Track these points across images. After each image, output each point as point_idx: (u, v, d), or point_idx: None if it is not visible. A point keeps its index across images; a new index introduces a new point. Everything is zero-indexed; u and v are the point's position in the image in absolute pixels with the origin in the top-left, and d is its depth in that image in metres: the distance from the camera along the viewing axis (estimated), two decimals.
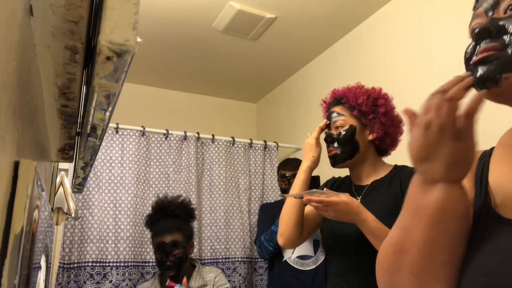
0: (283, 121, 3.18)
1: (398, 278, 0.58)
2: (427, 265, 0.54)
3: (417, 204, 0.56)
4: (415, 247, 0.55)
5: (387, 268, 0.60)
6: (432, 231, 0.53)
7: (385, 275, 0.60)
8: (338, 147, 1.26)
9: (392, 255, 0.59)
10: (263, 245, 2.14)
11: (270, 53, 2.74)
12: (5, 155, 0.27)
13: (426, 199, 0.54)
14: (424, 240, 0.54)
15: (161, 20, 2.35)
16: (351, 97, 1.27)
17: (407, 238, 0.56)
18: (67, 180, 1.25)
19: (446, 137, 0.52)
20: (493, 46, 0.54)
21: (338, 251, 1.24)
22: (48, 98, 0.48)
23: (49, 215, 0.70)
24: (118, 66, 0.31)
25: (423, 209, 0.54)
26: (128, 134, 2.34)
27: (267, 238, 2.13)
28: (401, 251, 0.57)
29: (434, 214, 0.53)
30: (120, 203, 2.21)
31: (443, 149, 0.52)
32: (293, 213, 1.29)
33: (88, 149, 0.58)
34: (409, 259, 0.56)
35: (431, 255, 0.54)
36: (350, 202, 1.07)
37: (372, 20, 2.34)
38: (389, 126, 1.26)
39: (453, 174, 0.53)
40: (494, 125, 0.98)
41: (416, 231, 0.55)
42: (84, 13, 0.33)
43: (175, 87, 3.26)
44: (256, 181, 2.66)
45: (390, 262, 0.59)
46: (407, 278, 0.56)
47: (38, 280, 0.56)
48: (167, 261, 1.82)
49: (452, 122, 0.51)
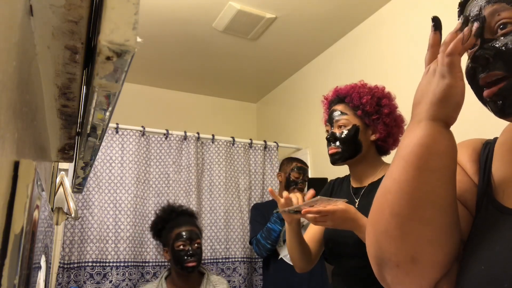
0: (283, 121, 3.18)
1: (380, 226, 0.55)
2: (407, 204, 0.52)
3: (401, 145, 0.56)
4: (395, 185, 0.54)
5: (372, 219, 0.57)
6: (412, 167, 0.52)
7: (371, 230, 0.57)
8: (339, 146, 1.24)
9: (377, 202, 0.57)
10: (260, 243, 2.14)
11: (270, 53, 2.74)
12: (5, 155, 0.27)
13: (409, 138, 0.55)
14: (404, 177, 0.53)
15: (161, 20, 2.35)
16: (355, 96, 1.25)
17: (389, 179, 0.55)
18: (67, 180, 1.25)
19: (435, 77, 0.54)
20: (495, 75, 0.54)
21: (338, 254, 1.24)
22: (48, 98, 0.48)
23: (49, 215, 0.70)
24: (118, 66, 0.31)
25: (404, 147, 0.55)
26: (128, 134, 2.34)
27: (264, 236, 2.13)
28: (384, 194, 0.56)
29: (414, 150, 0.53)
30: (120, 203, 2.21)
31: (430, 87, 0.54)
32: (297, 251, 1.28)
33: (88, 149, 0.58)
34: (390, 199, 0.54)
35: (411, 192, 0.52)
36: (347, 210, 1.05)
37: (372, 20, 2.34)
38: (393, 127, 1.25)
39: (435, 111, 0.53)
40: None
41: (397, 169, 0.54)
42: (84, 13, 0.33)
43: (175, 87, 3.26)
44: (256, 181, 2.66)
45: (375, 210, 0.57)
46: (388, 221, 0.54)
47: (38, 280, 0.56)
48: (190, 250, 1.86)
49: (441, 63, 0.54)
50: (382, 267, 0.56)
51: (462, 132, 0.81)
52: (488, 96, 0.55)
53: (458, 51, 0.53)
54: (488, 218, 0.54)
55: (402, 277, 0.54)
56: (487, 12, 0.56)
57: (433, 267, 0.53)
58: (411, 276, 0.53)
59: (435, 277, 0.53)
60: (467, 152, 0.64)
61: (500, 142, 0.61)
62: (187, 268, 1.84)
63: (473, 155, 0.63)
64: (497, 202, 0.54)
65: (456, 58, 0.53)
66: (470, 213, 0.59)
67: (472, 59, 0.56)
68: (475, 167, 0.62)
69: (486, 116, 0.60)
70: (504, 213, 0.52)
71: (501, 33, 0.54)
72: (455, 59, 0.53)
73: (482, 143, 0.64)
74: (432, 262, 0.53)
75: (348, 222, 1.06)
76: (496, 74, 0.54)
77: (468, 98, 0.57)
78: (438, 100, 0.53)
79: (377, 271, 0.58)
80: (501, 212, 0.53)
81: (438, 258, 0.53)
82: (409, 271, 0.53)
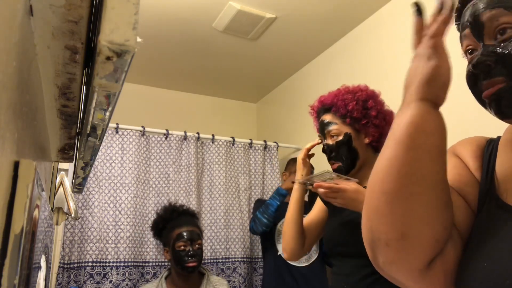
0: (283, 121, 3.18)
1: (371, 205, 0.56)
2: (395, 180, 0.53)
3: (392, 127, 0.57)
4: (384, 162, 0.55)
5: (365, 201, 0.58)
6: (400, 144, 0.53)
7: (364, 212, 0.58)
8: (339, 159, 1.25)
9: (369, 183, 0.57)
10: (257, 218, 2.16)
11: (270, 53, 2.74)
12: (5, 155, 0.27)
13: (399, 119, 0.56)
14: (392, 154, 0.54)
15: (161, 20, 2.35)
16: (340, 105, 1.25)
17: (380, 159, 0.56)
18: (67, 180, 1.25)
19: (421, 60, 0.55)
20: (497, 81, 0.54)
21: (338, 253, 1.24)
22: (48, 98, 0.48)
23: (49, 215, 0.70)
24: (118, 66, 0.31)
25: (395, 128, 0.56)
26: (128, 134, 2.34)
27: (261, 210, 2.15)
28: (375, 173, 0.56)
29: (402, 129, 0.54)
30: (120, 203, 2.21)
31: (418, 70, 0.55)
32: (293, 229, 1.30)
33: (88, 149, 0.58)
34: (380, 177, 0.55)
35: (399, 169, 0.53)
36: (359, 190, 1.07)
37: (372, 20, 2.34)
38: (384, 126, 1.25)
39: (423, 92, 0.54)
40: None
41: (387, 148, 0.55)
42: (84, 13, 0.33)
43: (175, 87, 3.26)
44: (256, 181, 2.66)
45: (368, 190, 0.57)
46: (378, 199, 0.54)
47: (38, 280, 0.56)
48: (191, 250, 1.86)
49: (426, 45, 0.55)
50: (374, 249, 0.56)
51: (462, 132, 0.81)
52: (486, 97, 0.55)
53: (441, 32, 0.54)
54: (491, 216, 0.55)
55: (393, 255, 0.54)
56: (485, 17, 0.56)
57: (423, 245, 0.53)
58: (402, 254, 0.53)
59: (427, 256, 0.53)
60: (471, 148, 0.64)
61: (503, 140, 0.62)
62: (187, 268, 1.84)
63: (476, 151, 0.63)
64: (500, 200, 0.55)
65: (439, 39, 0.54)
66: (470, 207, 0.59)
67: (474, 65, 0.56)
68: (478, 163, 0.62)
69: (487, 116, 0.61)
70: (506, 211, 0.53)
71: (501, 39, 0.54)
72: (438, 40, 0.54)
73: (486, 141, 0.65)
74: (421, 240, 0.53)
75: (357, 203, 1.06)
76: (498, 81, 0.54)
77: (468, 99, 0.58)
78: (425, 81, 0.54)
79: (371, 253, 0.58)
80: (504, 210, 0.53)
81: (427, 235, 0.53)
82: (399, 248, 0.53)
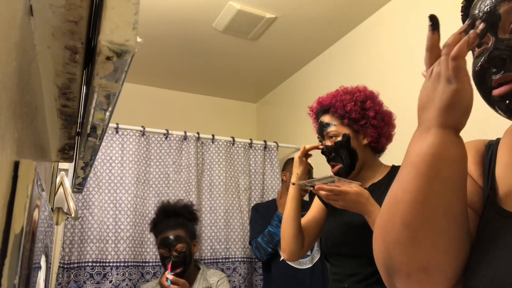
0: (283, 121, 3.18)
1: (390, 236, 0.54)
2: (419, 213, 0.51)
3: (411, 153, 0.54)
4: (407, 195, 0.52)
5: (381, 227, 0.56)
6: (423, 176, 0.51)
7: (380, 238, 0.56)
8: (339, 161, 1.25)
9: (386, 210, 0.56)
10: (261, 247, 2.13)
11: (270, 53, 2.74)
12: (5, 155, 0.27)
13: (419, 146, 0.53)
14: (415, 187, 0.52)
15: (161, 20, 2.35)
16: (339, 106, 1.26)
17: (400, 188, 0.54)
18: (67, 180, 1.25)
19: (440, 82, 0.52)
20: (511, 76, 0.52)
21: (338, 253, 1.24)
22: (48, 98, 0.48)
23: (49, 215, 0.70)
24: (118, 66, 0.31)
25: (415, 156, 0.53)
26: (128, 134, 2.34)
27: (265, 240, 2.12)
28: (394, 203, 0.54)
29: (425, 159, 0.51)
30: (120, 203, 2.21)
31: (437, 93, 0.52)
32: (291, 228, 1.31)
33: (88, 149, 0.58)
34: (401, 208, 0.53)
35: (423, 202, 0.51)
36: (360, 192, 1.07)
37: (372, 20, 2.34)
38: (382, 127, 1.26)
39: (444, 118, 0.52)
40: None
41: (408, 178, 0.53)
42: (84, 13, 0.33)
43: (175, 87, 3.26)
44: (256, 181, 2.66)
45: (385, 219, 0.55)
46: (399, 231, 0.52)
47: (38, 280, 0.56)
48: (171, 256, 1.84)
49: (446, 67, 0.52)
50: (392, 275, 0.55)
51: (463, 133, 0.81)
52: (499, 95, 0.54)
53: (463, 54, 0.51)
54: (490, 222, 0.54)
55: (413, 287, 0.53)
56: (503, 9, 0.53)
57: (444, 277, 0.52)
58: (422, 286, 0.53)
59: (450, 285, 0.53)
60: (470, 154, 0.62)
61: (503, 143, 0.60)
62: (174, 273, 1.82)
63: (476, 157, 0.62)
64: (499, 206, 0.54)
65: (462, 62, 0.51)
66: (478, 217, 0.58)
67: (487, 59, 0.54)
68: (480, 170, 0.61)
69: (487, 116, 0.60)
70: (505, 217, 0.52)
71: None
72: (461, 63, 0.51)
73: (485, 145, 0.63)
74: (443, 272, 0.52)
75: (359, 206, 1.07)
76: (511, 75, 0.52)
77: None
78: (446, 106, 0.51)
79: (387, 278, 0.57)
80: (503, 216, 0.52)
81: (450, 268, 0.52)
82: (420, 280, 0.52)
